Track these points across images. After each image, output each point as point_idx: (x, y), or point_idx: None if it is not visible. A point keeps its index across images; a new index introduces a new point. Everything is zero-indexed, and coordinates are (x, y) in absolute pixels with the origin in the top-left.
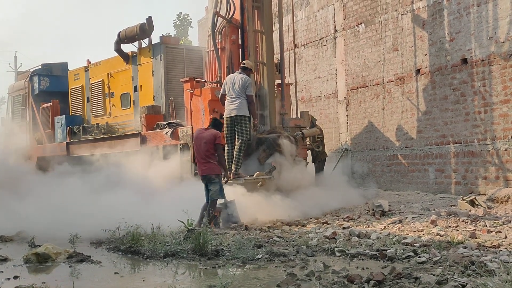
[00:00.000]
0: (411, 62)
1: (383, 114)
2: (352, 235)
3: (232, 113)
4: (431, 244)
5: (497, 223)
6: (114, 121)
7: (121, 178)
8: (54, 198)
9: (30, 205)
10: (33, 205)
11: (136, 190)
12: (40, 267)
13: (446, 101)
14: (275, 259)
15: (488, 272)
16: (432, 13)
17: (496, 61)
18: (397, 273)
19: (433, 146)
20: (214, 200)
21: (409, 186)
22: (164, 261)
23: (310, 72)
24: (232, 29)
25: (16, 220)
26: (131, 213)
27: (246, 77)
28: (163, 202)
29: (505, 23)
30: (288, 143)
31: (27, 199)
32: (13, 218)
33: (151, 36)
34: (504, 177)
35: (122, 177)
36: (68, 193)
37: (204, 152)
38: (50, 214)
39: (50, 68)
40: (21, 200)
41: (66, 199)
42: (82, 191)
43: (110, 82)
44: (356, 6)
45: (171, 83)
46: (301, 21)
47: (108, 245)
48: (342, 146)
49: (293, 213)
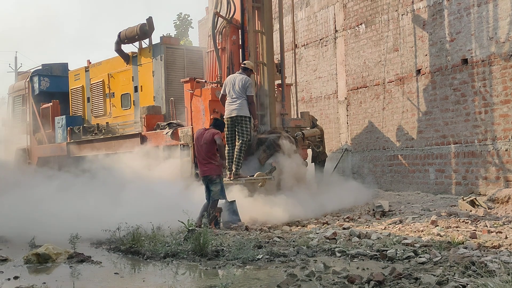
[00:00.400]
0: (412, 62)
1: (384, 115)
2: (353, 235)
3: (233, 114)
4: (432, 245)
5: (497, 224)
6: (115, 122)
7: (122, 179)
8: (47, 197)
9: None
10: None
11: (136, 191)
12: (41, 268)
13: (446, 102)
14: (276, 260)
15: (489, 272)
16: (433, 14)
17: (497, 61)
18: (397, 274)
19: (434, 147)
20: (215, 201)
21: (410, 186)
22: (165, 262)
23: (310, 73)
24: (233, 29)
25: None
26: (131, 213)
27: (247, 78)
28: (163, 203)
29: (505, 23)
30: (289, 143)
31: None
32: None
33: (151, 37)
34: (504, 178)
35: (122, 177)
36: (63, 194)
37: (205, 153)
38: (46, 215)
39: (50, 69)
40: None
41: (60, 199)
42: (81, 191)
43: (110, 83)
44: (356, 7)
45: (172, 83)
46: (301, 22)
47: (108, 246)
48: (342, 146)
49: (293, 213)
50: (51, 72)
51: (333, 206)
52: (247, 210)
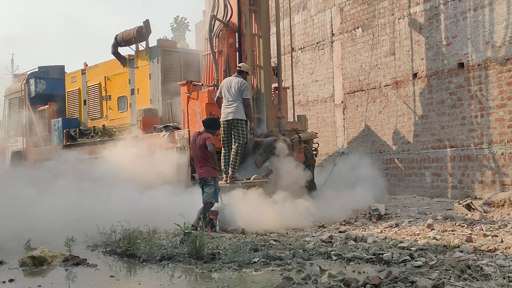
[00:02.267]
0: (408, 66)
1: (380, 118)
2: (349, 238)
3: (229, 117)
4: (428, 248)
5: (493, 227)
6: (111, 124)
7: (116, 181)
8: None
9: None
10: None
11: (131, 193)
12: (36, 270)
13: (442, 105)
14: (272, 263)
15: (484, 276)
16: (429, 18)
17: (493, 65)
18: (393, 277)
19: (430, 150)
20: (207, 203)
21: (406, 190)
22: (160, 265)
23: (307, 76)
24: (229, 32)
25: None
26: (127, 215)
27: (243, 81)
28: (159, 205)
29: (501, 27)
30: (285, 146)
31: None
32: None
33: (148, 39)
34: (500, 181)
35: (117, 179)
36: (62, 196)
37: (201, 156)
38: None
39: (47, 71)
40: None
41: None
42: (77, 193)
43: (107, 85)
44: (353, 10)
45: (168, 86)
46: (298, 25)
47: (104, 248)
48: (339, 149)
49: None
50: (48, 75)
51: (329, 211)
52: (243, 216)
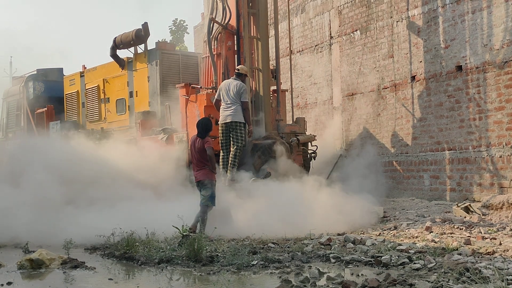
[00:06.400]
0: (406, 69)
1: (378, 121)
2: (347, 241)
3: (227, 119)
4: (426, 251)
5: (491, 230)
6: (109, 127)
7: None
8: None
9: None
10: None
11: (130, 196)
12: (34, 273)
13: (441, 108)
14: (270, 266)
15: (483, 278)
16: (427, 20)
17: (491, 68)
18: (392, 280)
19: (428, 153)
20: (204, 206)
21: (404, 192)
22: (159, 267)
23: (305, 79)
24: (228, 35)
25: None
26: (126, 218)
27: (241, 84)
28: (157, 208)
29: (499, 30)
30: (283, 149)
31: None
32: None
33: (146, 42)
34: (498, 184)
35: (115, 181)
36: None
37: (199, 159)
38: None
39: (45, 73)
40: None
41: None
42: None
43: (105, 88)
44: (351, 13)
45: (167, 88)
46: (296, 28)
47: (102, 251)
48: (337, 152)
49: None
50: (46, 77)
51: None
52: (240, 219)
